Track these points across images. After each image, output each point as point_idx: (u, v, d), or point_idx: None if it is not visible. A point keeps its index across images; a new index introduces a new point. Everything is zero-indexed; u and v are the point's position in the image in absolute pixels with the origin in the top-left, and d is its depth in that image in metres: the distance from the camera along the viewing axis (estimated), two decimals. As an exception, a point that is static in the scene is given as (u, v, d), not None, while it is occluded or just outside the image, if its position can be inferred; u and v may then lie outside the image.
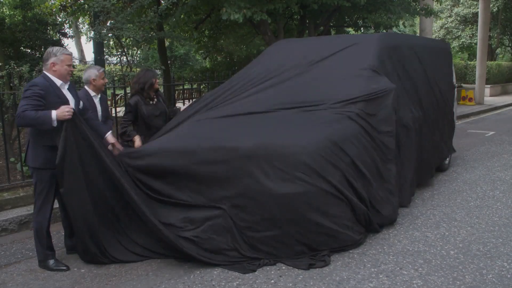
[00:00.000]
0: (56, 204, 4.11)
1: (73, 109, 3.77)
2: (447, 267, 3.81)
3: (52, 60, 3.83)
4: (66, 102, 3.85)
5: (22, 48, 12.76)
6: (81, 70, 22.35)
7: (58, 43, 13.27)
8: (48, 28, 13.12)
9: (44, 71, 3.88)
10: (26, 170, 5.65)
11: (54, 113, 3.64)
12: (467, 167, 7.26)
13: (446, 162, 7.08)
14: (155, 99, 5.09)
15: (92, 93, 4.69)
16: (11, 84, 6.15)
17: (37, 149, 3.85)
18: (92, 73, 4.65)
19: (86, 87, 4.69)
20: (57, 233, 4.64)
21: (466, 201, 5.52)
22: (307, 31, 11.01)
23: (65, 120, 3.68)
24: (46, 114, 3.63)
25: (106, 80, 4.89)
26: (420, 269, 3.78)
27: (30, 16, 12.65)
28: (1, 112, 5.63)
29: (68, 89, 3.97)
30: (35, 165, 3.87)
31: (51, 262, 3.95)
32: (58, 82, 3.87)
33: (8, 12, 14.85)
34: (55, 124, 3.65)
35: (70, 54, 3.95)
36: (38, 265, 4.00)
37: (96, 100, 4.72)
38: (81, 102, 4.12)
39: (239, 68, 10.40)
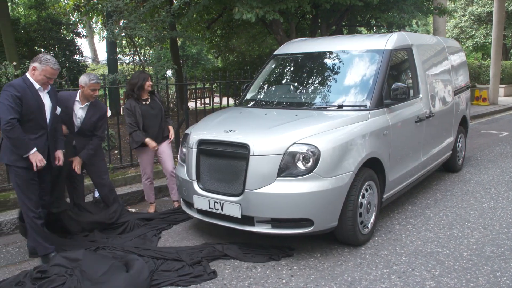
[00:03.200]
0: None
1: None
2: (460, 268, 3.77)
3: (35, 64, 3.82)
4: (42, 106, 3.83)
5: (36, 47, 12.92)
6: (94, 70, 22.54)
7: (72, 43, 13.42)
8: (62, 27, 13.27)
9: (27, 73, 3.87)
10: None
11: (33, 151, 3.75)
12: (481, 168, 7.18)
13: (459, 162, 7.01)
14: (149, 100, 5.14)
15: (77, 98, 4.53)
16: None
17: (10, 147, 3.82)
18: (83, 80, 4.45)
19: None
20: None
21: (480, 202, 5.46)
22: (319, 30, 10.99)
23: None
24: (28, 146, 3.73)
25: (97, 93, 4.54)
26: (432, 270, 3.75)
27: (44, 16, 12.81)
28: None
29: (48, 92, 3.94)
30: (8, 162, 3.88)
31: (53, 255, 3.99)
32: (37, 85, 3.84)
33: (23, 12, 15.04)
34: (26, 155, 3.75)
35: (55, 69, 3.85)
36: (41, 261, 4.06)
37: (78, 107, 4.51)
38: (58, 109, 4.08)
39: (251, 68, 10.41)
